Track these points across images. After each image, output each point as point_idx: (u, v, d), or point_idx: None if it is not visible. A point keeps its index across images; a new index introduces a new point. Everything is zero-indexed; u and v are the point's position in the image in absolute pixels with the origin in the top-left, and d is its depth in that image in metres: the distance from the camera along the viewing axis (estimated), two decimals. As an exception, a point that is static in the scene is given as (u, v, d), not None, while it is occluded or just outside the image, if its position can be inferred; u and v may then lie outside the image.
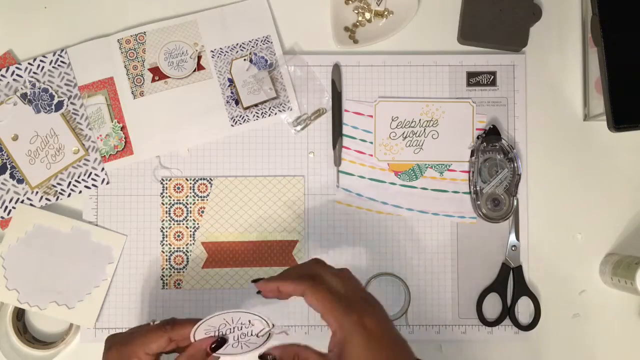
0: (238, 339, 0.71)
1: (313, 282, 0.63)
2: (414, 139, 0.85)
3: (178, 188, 0.84)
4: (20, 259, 0.82)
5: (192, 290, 0.83)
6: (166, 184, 0.84)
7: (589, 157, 0.85)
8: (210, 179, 0.84)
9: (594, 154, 0.85)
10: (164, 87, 0.85)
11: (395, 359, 0.62)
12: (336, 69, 0.85)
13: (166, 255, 0.83)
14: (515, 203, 0.83)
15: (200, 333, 0.68)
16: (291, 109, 0.85)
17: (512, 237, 0.84)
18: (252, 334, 0.71)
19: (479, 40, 0.86)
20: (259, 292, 0.67)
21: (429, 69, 0.86)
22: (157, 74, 0.85)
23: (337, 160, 0.84)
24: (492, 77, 0.86)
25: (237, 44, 0.86)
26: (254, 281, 0.67)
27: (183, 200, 0.84)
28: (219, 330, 0.69)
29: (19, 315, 0.82)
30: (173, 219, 0.84)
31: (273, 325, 0.69)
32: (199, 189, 0.84)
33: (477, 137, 0.84)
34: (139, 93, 0.84)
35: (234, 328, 0.71)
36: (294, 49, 0.86)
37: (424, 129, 0.85)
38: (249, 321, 0.71)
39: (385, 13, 0.87)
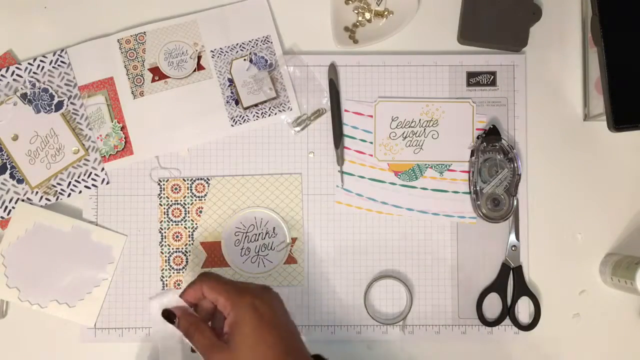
0: (258, 252, 0.81)
1: (206, 276, 0.69)
2: (414, 139, 0.85)
3: (175, 189, 0.84)
4: (20, 257, 0.82)
5: (192, 290, 0.83)
6: (164, 185, 0.84)
7: (589, 157, 0.85)
8: (208, 178, 0.84)
9: (594, 154, 0.85)
10: (164, 87, 0.85)
11: (282, 342, 0.65)
12: (332, 68, 0.85)
13: (165, 256, 0.83)
14: (515, 203, 0.83)
15: (232, 228, 0.82)
16: (291, 109, 0.85)
17: (512, 237, 0.84)
18: (272, 247, 0.82)
19: (479, 40, 0.86)
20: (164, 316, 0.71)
21: (429, 69, 0.86)
22: (157, 74, 0.85)
23: (340, 160, 0.84)
24: (492, 77, 0.86)
25: (237, 44, 0.86)
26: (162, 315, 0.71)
27: (181, 200, 0.84)
28: (247, 232, 0.82)
29: None
30: (171, 220, 0.84)
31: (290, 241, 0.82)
32: (196, 189, 0.84)
33: (477, 137, 0.84)
34: (139, 93, 0.84)
35: (258, 235, 0.82)
36: (294, 49, 0.86)
37: (424, 129, 0.85)
38: (274, 229, 0.82)
39: (385, 13, 0.87)
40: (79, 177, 0.83)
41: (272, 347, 0.64)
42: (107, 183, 0.84)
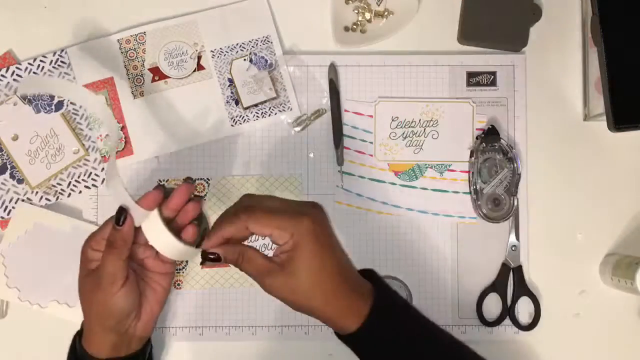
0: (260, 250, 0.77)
1: (251, 211, 0.64)
2: (414, 139, 0.85)
3: (176, 188, 0.84)
4: (20, 257, 0.82)
5: (192, 290, 0.83)
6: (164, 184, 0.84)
7: (589, 157, 0.85)
8: (208, 178, 0.84)
9: (594, 154, 0.85)
10: (164, 87, 0.85)
11: (339, 267, 0.65)
12: (332, 69, 0.85)
13: (165, 255, 0.83)
14: (515, 203, 0.83)
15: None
16: (291, 109, 0.85)
17: (512, 237, 0.84)
18: (272, 247, 0.80)
19: (479, 40, 0.86)
20: (202, 263, 0.67)
21: (429, 69, 0.86)
22: (157, 74, 0.85)
23: (340, 160, 0.84)
24: (492, 77, 0.86)
25: (237, 44, 0.86)
26: (202, 259, 0.66)
27: (181, 200, 0.84)
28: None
29: None
30: (172, 219, 0.84)
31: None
32: (196, 189, 0.84)
33: (477, 138, 0.84)
34: (139, 93, 0.84)
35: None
36: (294, 49, 0.86)
37: (424, 129, 0.85)
38: None
39: (385, 13, 0.87)
40: (79, 177, 0.83)
41: (332, 274, 0.64)
42: (107, 183, 0.84)
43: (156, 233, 0.68)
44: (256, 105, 0.85)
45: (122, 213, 0.67)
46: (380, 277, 0.69)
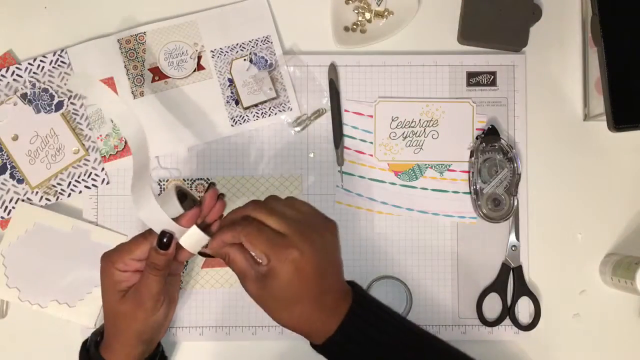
0: None
1: (248, 225, 0.65)
2: (414, 139, 0.85)
3: (176, 188, 0.84)
4: (20, 257, 0.82)
5: (192, 290, 0.83)
6: (164, 185, 0.84)
7: (589, 157, 0.85)
8: (208, 179, 0.84)
9: (594, 154, 0.85)
10: (164, 87, 0.85)
11: (309, 294, 0.65)
12: (332, 69, 0.85)
13: (166, 255, 0.83)
14: (515, 203, 0.83)
15: None
16: (291, 109, 0.85)
17: (512, 237, 0.84)
18: None
19: (479, 40, 0.86)
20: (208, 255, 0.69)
21: (429, 69, 0.86)
22: (157, 74, 0.85)
23: (340, 160, 0.84)
24: (492, 77, 0.86)
25: (237, 44, 0.86)
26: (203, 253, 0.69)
27: (181, 200, 0.84)
28: None
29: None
30: (172, 219, 0.84)
31: None
32: (197, 190, 0.84)
33: (476, 138, 0.84)
34: (139, 93, 0.84)
35: None
36: (294, 49, 0.86)
37: (424, 129, 0.85)
38: None
39: (385, 13, 0.87)
40: (79, 177, 0.83)
41: (305, 301, 0.65)
42: (107, 183, 0.84)
43: (196, 242, 0.68)
44: (256, 105, 0.85)
45: (165, 236, 0.67)
46: (362, 289, 0.70)
